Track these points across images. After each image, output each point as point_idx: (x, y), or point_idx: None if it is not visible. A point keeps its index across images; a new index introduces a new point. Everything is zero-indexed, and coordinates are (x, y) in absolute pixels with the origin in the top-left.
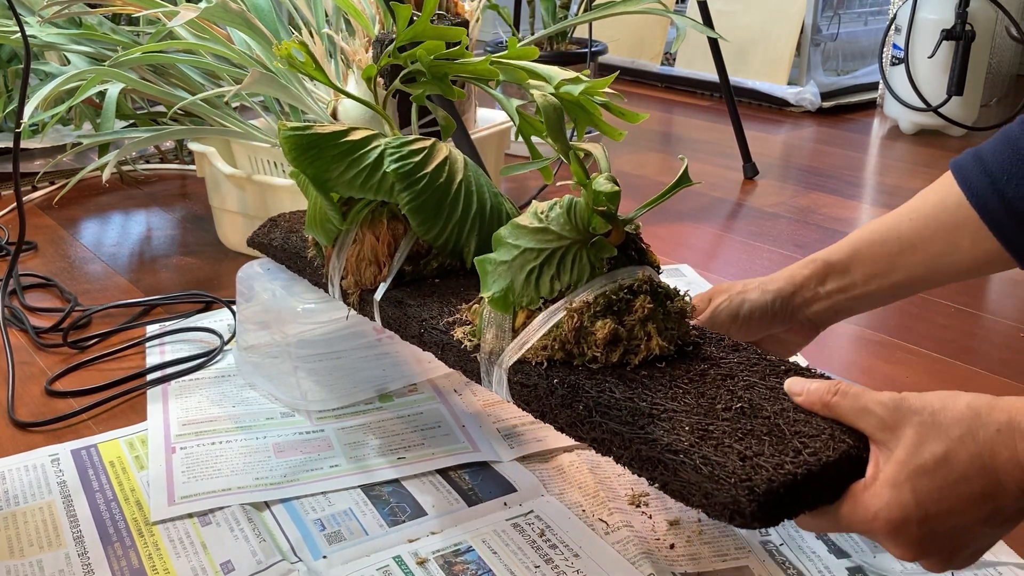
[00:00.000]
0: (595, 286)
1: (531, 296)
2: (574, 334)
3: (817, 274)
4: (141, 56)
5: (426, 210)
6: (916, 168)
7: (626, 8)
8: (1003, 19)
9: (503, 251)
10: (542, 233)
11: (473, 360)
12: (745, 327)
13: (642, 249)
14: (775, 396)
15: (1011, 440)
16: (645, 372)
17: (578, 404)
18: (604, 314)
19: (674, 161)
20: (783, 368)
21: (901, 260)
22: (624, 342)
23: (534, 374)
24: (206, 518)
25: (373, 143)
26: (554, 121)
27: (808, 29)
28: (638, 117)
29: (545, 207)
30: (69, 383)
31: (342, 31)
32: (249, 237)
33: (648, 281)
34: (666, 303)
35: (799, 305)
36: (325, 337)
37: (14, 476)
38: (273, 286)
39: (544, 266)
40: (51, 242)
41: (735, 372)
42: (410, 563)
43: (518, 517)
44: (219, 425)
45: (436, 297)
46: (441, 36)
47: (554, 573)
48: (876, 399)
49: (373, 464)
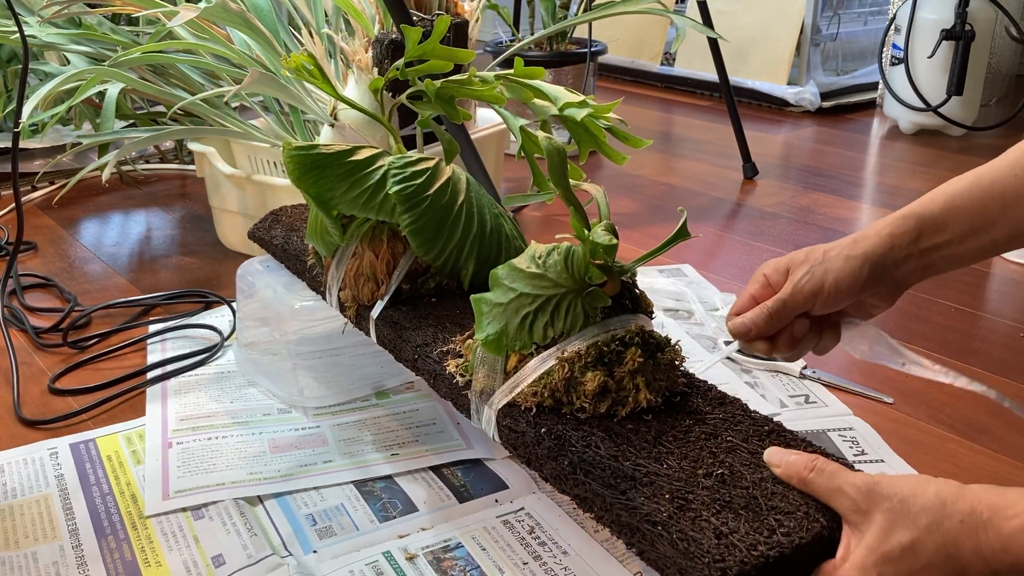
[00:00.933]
0: (587, 335)
1: (524, 341)
2: (564, 384)
3: (910, 231)
4: (141, 56)
5: (426, 232)
6: (916, 168)
7: (626, 8)
8: (1003, 19)
9: (499, 292)
10: (539, 279)
11: (464, 395)
12: (831, 300)
13: (636, 297)
14: (755, 463)
15: (974, 532)
16: (631, 425)
17: (563, 459)
18: (595, 365)
19: (674, 161)
20: (766, 429)
21: (1004, 216)
22: (613, 394)
23: (523, 420)
24: (199, 512)
25: (377, 163)
26: (556, 165)
27: (808, 29)
28: (642, 143)
29: (543, 251)
30: (69, 382)
31: (342, 31)
32: (250, 230)
33: (640, 333)
34: (657, 355)
35: (889, 267)
36: (324, 334)
37: (13, 469)
38: (273, 283)
39: (539, 312)
40: (51, 242)
41: (719, 431)
42: (399, 559)
43: (508, 514)
44: (216, 421)
45: (432, 320)
46: (451, 57)
47: (543, 570)
48: (850, 481)
49: (367, 460)
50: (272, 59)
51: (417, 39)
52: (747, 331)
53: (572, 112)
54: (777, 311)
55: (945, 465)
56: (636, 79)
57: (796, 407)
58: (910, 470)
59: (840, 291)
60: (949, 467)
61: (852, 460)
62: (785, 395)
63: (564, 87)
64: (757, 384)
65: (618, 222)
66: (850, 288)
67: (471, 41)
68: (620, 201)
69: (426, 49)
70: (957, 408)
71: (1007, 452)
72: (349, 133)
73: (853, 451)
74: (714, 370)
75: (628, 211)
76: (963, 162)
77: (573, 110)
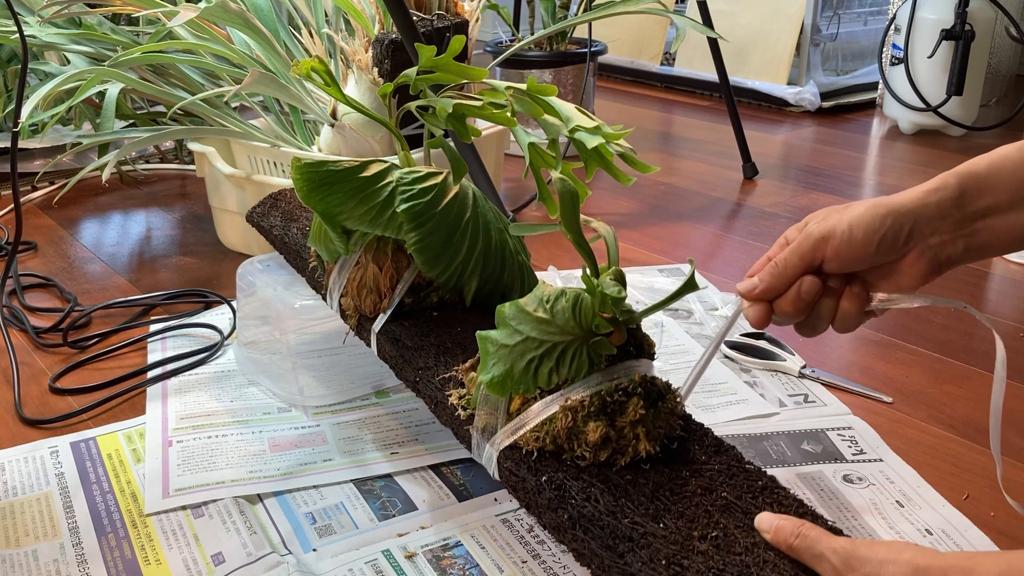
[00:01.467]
0: (591, 383)
1: (528, 385)
2: (566, 432)
3: (950, 188)
4: (141, 56)
5: (432, 250)
6: (916, 168)
7: (626, 8)
8: (1003, 19)
9: (505, 332)
10: (546, 324)
11: (466, 429)
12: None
13: (641, 344)
14: (748, 524)
15: None
16: (630, 476)
17: (563, 512)
18: (598, 415)
19: (674, 161)
20: (760, 484)
21: None
22: (614, 443)
23: (524, 465)
24: (199, 510)
25: (385, 179)
26: (569, 208)
27: (808, 29)
28: (649, 168)
29: (552, 296)
30: (70, 382)
31: (342, 31)
32: (248, 212)
33: (643, 383)
34: (658, 403)
35: (921, 225)
36: (324, 334)
37: (13, 467)
38: (273, 282)
39: (544, 357)
40: (51, 242)
41: (714, 485)
42: (399, 557)
43: (508, 513)
44: (216, 419)
45: (433, 338)
46: (463, 75)
47: (541, 569)
48: (831, 546)
49: (366, 459)
50: (272, 59)
51: (431, 57)
52: (752, 288)
53: (583, 137)
54: (783, 263)
55: (945, 465)
56: (636, 79)
57: (795, 406)
58: (909, 469)
59: (854, 240)
60: (948, 467)
61: (851, 459)
62: (784, 395)
63: (575, 105)
64: (756, 384)
65: (618, 222)
66: (865, 237)
67: (471, 41)
68: (620, 201)
69: (439, 64)
70: (957, 408)
71: (1007, 452)
72: (349, 133)
73: (852, 450)
74: (714, 369)
75: (628, 211)
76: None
77: (584, 135)
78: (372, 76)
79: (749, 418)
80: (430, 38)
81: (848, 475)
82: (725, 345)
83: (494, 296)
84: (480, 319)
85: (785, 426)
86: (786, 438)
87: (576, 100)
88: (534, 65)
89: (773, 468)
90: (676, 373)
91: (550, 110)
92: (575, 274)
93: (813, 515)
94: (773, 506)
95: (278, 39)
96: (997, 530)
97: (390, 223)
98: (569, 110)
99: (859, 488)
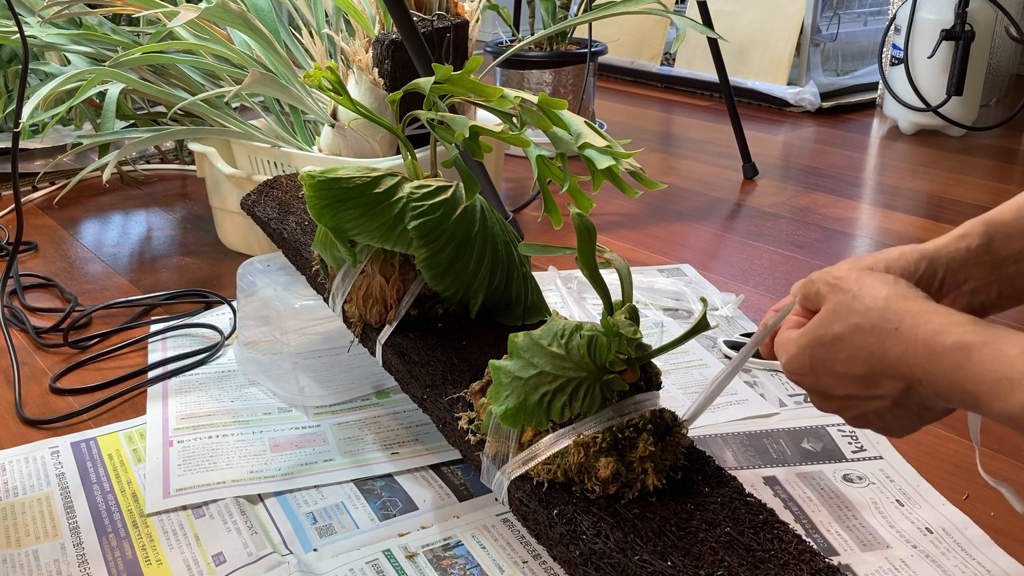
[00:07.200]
0: (603, 418)
1: (541, 419)
2: (578, 467)
3: (978, 235)
4: (141, 56)
5: (441, 265)
6: (916, 168)
7: (626, 8)
8: (1003, 19)
9: (518, 364)
10: (560, 360)
11: (476, 455)
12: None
13: (650, 377)
14: (751, 561)
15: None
16: (637, 510)
17: (575, 548)
18: (609, 451)
19: (674, 161)
20: (761, 519)
21: None
22: (623, 477)
23: (535, 497)
24: (200, 510)
25: (396, 195)
26: (585, 243)
27: (808, 29)
28: (656, 185)
29: (567, 331)
30: (70, 382)
31: (342, 31)
32: (242, 200)
33: (653, 419)
34: (666, 437)
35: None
36: (324, 334)
37: (14, 468)
38: (273, 282)
39: (558, 392)
40: (51, 242)
41: (718, 519)
42: (399, 557)
43: (508, 512)
44: (217, 419)
45: (440, 353)
46: (477, 92)
47: (542, 569)
48: (824, 278)
49: (367, 459)
50: (272, 59)
51: (447, 74)
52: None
53: (593, 156)
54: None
55: (945, 465)
56: (636, 79)
57: (795, 406)
58: (909, 468)
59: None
60: (949, 467)
61: (851, 457)
62: (784, 394)
63: (585, 120)
64: (757, 384)
65: (618, 222)
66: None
67: (471, 41)
68: (620, 201)
69: (454, 78)
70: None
71: (1007, 452)
72: (350, 133)
73: (852, 447)
74: (714, 369)
75: (628, 211)
76: (963, 162)
77: (594, 154)
78: (372, 76)
79: (749, 418)
80: (430, 38)
81: (848, 474)
82: (725, 345)
83: (498, 307)
84: (485, 331)
85: (786, 424)
86: (786, 436)
87: (576, 100)
88: (534, 65)
89: (773, 467)
90: (675, 373)
91: (559, 123)
92: (575, 274)
93: (812, 552)
94: (774, 542)
95: (278, 39)
96: (997, 530)
97: (400, 239)
98: (579, 124)
99: (859, 487)
